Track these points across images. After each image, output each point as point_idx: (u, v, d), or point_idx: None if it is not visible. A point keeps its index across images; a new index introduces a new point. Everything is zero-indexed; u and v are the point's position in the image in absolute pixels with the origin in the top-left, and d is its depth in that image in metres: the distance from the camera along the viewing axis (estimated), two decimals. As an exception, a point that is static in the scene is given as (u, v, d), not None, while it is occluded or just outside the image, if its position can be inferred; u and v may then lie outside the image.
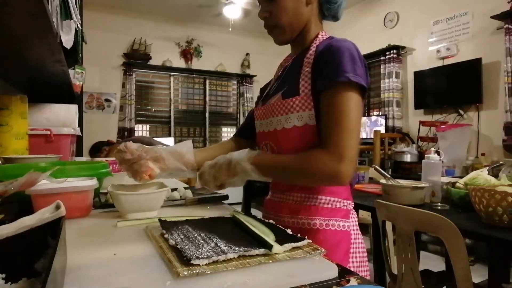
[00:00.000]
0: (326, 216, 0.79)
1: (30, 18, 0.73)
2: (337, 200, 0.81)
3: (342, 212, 0.81)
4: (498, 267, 1.24)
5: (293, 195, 0.83)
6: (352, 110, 0.69)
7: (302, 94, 0.77)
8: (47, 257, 0.43)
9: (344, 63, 0.70)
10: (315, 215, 0.79)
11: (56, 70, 1.31)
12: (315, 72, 0.76)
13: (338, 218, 0.80)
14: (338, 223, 0.79)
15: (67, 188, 0.79)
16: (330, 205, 0.80)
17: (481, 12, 3.38)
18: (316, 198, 0.80)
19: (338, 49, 0.73)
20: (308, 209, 0.80)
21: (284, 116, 0.79)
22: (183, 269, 0.46)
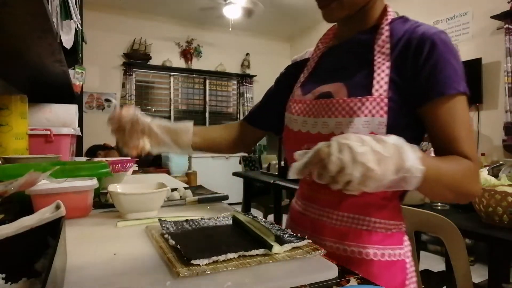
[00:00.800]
0: (380, 244, 0.65)
1: (30, 18, 0.73)
2: (392, 222, 0.67)
3: (397, 237, 0.67)
4: (498, 267, 1.24)
5: (339, 214, 0.67)
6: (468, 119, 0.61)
7: (375, 95, 0.61)
8: (47, 257, 0.43)
9: (451, 68, 0.59)
10: (368, 242, 0.65)
11: (56, 70, 1.31)
12: (402, 70, 0.62)
13: (393, 245, 0.66)
14: (393, 252, 0.66)
15: (67, 188, 0.79)
16: (384, 229, 0.66)
17: (481, 12, 3.38)
18: (368, 221, 0.66)
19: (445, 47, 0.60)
20: (358, 234, 0.66)
21: (347, 119, 0.62)
22: (183, 269, 0.46)
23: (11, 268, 0.42)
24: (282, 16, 5.24)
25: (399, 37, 0.64)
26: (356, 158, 0.43)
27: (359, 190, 0.46)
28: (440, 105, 0.60)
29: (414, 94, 0.61)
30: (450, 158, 0.58)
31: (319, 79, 0.73)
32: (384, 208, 0.66)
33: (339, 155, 0.44)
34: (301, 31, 5.86)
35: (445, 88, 0.59)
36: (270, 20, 5.35)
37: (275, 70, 4.04)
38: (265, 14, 4.99)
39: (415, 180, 0.48)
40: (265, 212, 3.27)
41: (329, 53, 0.77)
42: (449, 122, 0.59)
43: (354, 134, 0.47)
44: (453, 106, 0.59)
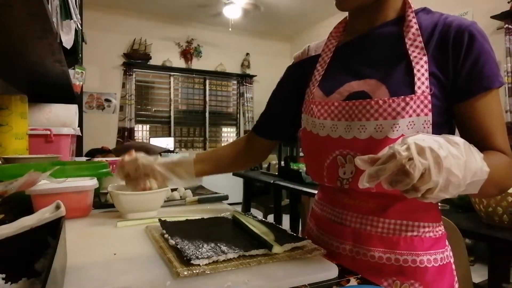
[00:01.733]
0: (431, 249, 0.62)
1: (30, 18, 0.73)
2: (438, 224, 0.64)
3: (442, 240, 0.64)
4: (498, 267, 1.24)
5: (385, 221, 0.62)
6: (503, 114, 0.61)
7: (419, 93, 0.57)
8: (47, 257, 0.43)
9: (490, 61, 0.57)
10: (420, 249, 0.61)
11: (56, 70, 1.31)
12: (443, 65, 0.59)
13: (441, 249, 0.63)
14: (443, 255, 0.63)
15: (67, 188, 0.79)
16: (433, 233, 0.63)
17: (481, 12, 3.38)
18: (418, 226, 0.62)
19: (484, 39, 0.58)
20: (409, 241, 0.61)
21: (390, 121, 0.57)
22: (183, 269, 0.46)
23: (11, 268, 0.42)
24: (282, 16, 5.24)
25: (429, 29, 0.61)
26: (441, 162, 0.39)
27: (439, 198, 0.41)
28: (482, 100, 0.57)
29: (456, 89, 0.58)
30: (492, 153, 0.56)
31: (341, 76, 0.67)
32: (430, 211, 0.63)
33: (422, 159, 0.39)
34: (301, 31, 5.86)
35: (490, 83, 0.57)
36: (270, 20, 5.35)
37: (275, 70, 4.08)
38: (265, 14, 4.99)
39: (482, 182, 0.44)
40: (265, 212, 3.27)
41: (346, 48, 0.70)
42: (487, 117, 0.57)
43: (427, 135, 0.42)
44: (492, 99, 0.58)
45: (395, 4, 0.65)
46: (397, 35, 0.63)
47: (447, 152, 0.40)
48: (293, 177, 2.43)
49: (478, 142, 0.56)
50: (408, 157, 0.39)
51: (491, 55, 0.57)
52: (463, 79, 0.58)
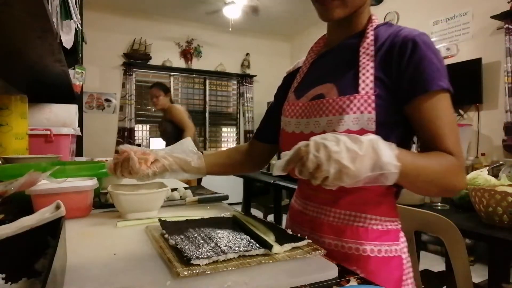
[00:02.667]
0: (376, 240, 0.67)
1: (30, 18, 0.73)
2: (388, 219, 0.69)
3: (393, 233, 0.69)
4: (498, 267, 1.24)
5: (336, 211, 0.70)
6: (453, 115, 0.64)
7: (362, 93, 0.64)
8: (47, 257, 0.43)
9: (433, 66, 0.62)
10: (365, 239, 0.67)
11: (56, 70, 1.31)
12: (388, 70, 0.65)
13: (389, 242, 0.68)
14: (390, 248, 0.67)
15: (67, 188, 0.79)
16: (381, 226, 0.68)
17: (481, 12, 3.38)
18: (365, 218, 0.68)
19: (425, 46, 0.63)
20: (355, 230, 0.68)
21: (337, 117, 0.65)
22: (183, 269, 0.46)
23: (11, 268, 0.42)
24: (282, 16, 5.24)
25: (383, 40, 0.68)
26: (331, 156, 0.47)
27: (336, 185, 0.49)
28: (424, 102, 0.62)
29: (401, 91, 0.64)
30: (432, 153, 0.61)
31: (311, 82, 0.76)
32: (380, 205, 0.69)
33: (316, 153, 0.47)
34: (301, 31, 5.86)
35: (428, 85, 0.62)
36: (270, 20, 5.35)
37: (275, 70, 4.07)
38: (265, 14, 4.99)
39: (392, 175, 0.50)
40: (265, 212, 3.27)
41: (320, 59, 0.80)
42: (433, 119, 0.62)
43: (332, 134, 0.50)
44: (437, 102, 0.62)
45: (362, 21, 0.73)
46: (356, 45, 0.71)
47: (341, 148, 0.47)
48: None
49: (428, 142, 0.63)
50: (306, 152, 0.48)
51: (433, 62, 0.62)
52: (405, 82, 0.63)
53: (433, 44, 0.65)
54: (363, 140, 0.49)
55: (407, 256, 0.70)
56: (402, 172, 0.50)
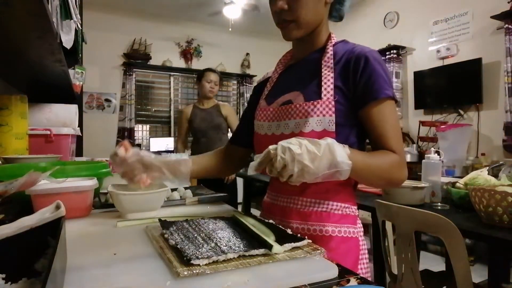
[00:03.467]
0: (337, 223, 0.78)
1: (30, 18, 0.73)
2: (347, 206, 0.80)
3: (351, 218, 0.80)
4: (498, 267, 1.24)
5: (303, 200, 0.81)
6: (397, 120, 0.76)
7: (324, 99, 0.75)
8: (47, 257, 0.43)
9: (380, 77, 0.74)
10: (327, 221, 0.77)
11: (56, 70, 1.31)
12: (345, 81, 0.76)
13: (348, 224, 0.79)
14: (348, 230, 0.78)
15: (67, 188, 0.79)
16: (341, 211, 0.79)
17: (481, 12, 3.38)
18: (327, 204, 0.79)
19: (374, 59, 0.75)
20: (319, 215, 0.78)
21: (303, 120, 0.76)
22: (183, 269, 0.46)
23: (11, 268, 0.42)
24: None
25: (340, 55, 0.79)
26: (295, 157, 0.57)
27: (299, 181, 0.59)
28: (373, 107, 0.74)
29: (356, 99, 0.75)
30: (379, 152, 0.73)
31: (281, 90, 0.86)
32: (339, 193, 0.80)
33: (282, 155, 0.57)
34: (301, 31, 5.84)
35: (377, 94, 0.73)
36: (270, 20, 5.32)
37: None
38: (265, 14, 4.99)
39: (346, 172, 0.61)
40: (265, 212, 3.27)
41: (287, 70, 0.91)
42: (379, 122, 0.74)
43: (295, 138, 0.60)
44: (383, 108, 0.74)
45: (322, 38, 0.85)
46: (318, 59, 0.82)
47: (303, 150, 0.57)
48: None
49: (375, 141, 0.75)
50: (275, 154, 0.57)
51: (381, 74, 0.74)
52: (359, 91, 0.75)
53: (381, 59, 0.77)
54: (321, 143, 0.60)
55: (363, 239, 0.82)
56: (353, 169, 0.62)
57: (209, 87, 2.77)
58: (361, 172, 0.67)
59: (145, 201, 0.83)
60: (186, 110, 2.89)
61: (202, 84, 2.79)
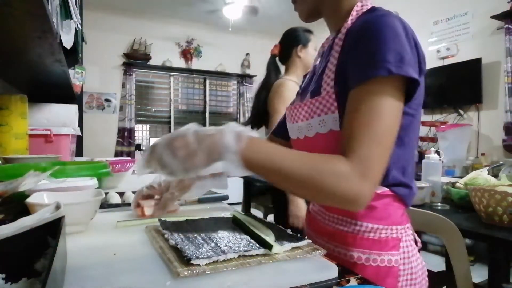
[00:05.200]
0: (366, 248, 0.61)
1: (30, 18, 0.73)
2: (384, 227, 0.62)
3: (390, 242, 0.62)
4: (498, 267, 1.24)
5: (329, 214, 0.67)
6: (386, 114, 0.51)
7: (323, 93, 0.61)
8: (47, 257, 0.43)
9: (382, 47, 0.51)
10: (353, 246, 0.62)
11: (56, 70, 1.31)
12: (342, 62, 0.59)
13: (383, 251, 0.61)
14: (382, 258, 0.61)
15: (67, 188, 0.79)
16: (373, 234, 0.62)
17: (481, 12, 3.37)
18: (355, 224, 0.63)
19: (374, 26, 0.53)
20: (344, 236, 0.63)
21: (306, 122, 0.64)
22: (183, 269, 0.46)
23: (11, 268, 0.42)
24: (282, 16, 5.24)
25: (351, 28, 0.60)
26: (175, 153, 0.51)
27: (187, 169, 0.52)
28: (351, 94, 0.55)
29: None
30: (303, 153, 0.53)
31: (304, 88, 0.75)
32: (372, 211, 0.62)
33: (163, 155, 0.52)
34: (301, 31, 5.85)
35: (358, 76, 0.53)
36: (270, 20, 5.35)
37: (275, 70, 3.84)
38: (265, 14, 4.99)
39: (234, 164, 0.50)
40: (265, 212, 3.27)
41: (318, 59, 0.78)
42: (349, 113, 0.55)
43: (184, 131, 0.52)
44: (362, 94, 0.53)
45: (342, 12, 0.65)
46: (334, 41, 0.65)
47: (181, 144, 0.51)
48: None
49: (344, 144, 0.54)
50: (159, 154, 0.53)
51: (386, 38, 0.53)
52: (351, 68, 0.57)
53: (395, 27, 0.53)
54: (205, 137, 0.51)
55: (408, 267, 0.63)
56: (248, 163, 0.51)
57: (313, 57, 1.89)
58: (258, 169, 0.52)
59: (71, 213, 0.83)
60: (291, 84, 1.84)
61: (307, 51, 1.91)
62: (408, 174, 0.63)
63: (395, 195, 0.62)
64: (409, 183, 0.63)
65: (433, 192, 1.48)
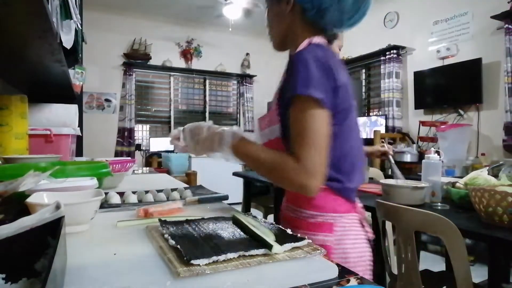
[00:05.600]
0: (306, 230, 0.79)
1: (30, 18, 0.73)
2: (320, 214, 0.79)
3: (324, 226, 0.79)
4: (498, 267, 1.24)
5: (287, 205, 0.89)
6: (314, 125, 0.69)
7: (273, 108, 0.82)
8: (47, 257, 0.43)
9: (297, 75, 0.70)
10: (298, 228, 0.79)
11: (56, 70, 1.31)
12: (283, 85, 0.80)
13: (318, 232, 0.78)
14: (317, 237, 0.77)
15: (67, 188, 0.79)
16: (312, 219, 0.80)
17: (481, 12, 3.38)
18: (300, 212, 0.82)
19: (295, 60, 0.73)
20: (294, 220, 0.84)
21: (266, 130, 0.86)
22: (183, 269, 0.46)
23: (11, 268, 0.42)
24: (282, 16, 5.24)
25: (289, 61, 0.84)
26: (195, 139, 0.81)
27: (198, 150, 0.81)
28: (290, 107, 0.73)
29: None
30: (271, 151, 0.75)
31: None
32: (311, 201, 0.79)
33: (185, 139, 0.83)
34: (301, 31, 5.84)
35: (292, 91, 0.71)
36: (270, 20, 5.34)
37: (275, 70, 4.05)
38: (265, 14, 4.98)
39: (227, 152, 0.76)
40: (265, 212, 3.27)
41: None
42: (292, 122, 0.73)
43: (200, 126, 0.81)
44: (295, 107, 0.72)
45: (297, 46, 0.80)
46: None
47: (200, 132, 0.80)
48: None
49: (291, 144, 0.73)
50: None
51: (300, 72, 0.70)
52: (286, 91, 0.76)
53: (306, 59, 0.71)
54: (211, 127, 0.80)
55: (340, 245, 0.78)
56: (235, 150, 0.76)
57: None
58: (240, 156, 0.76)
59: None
60: None
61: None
62: (343, 172, 0.79)
63: (329, 188, 0.78)
64: (342, 179, 0.78)
65: (433, 192, 1.48)
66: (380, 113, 4.39)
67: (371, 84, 4.77)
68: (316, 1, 0.76)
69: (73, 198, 0.73)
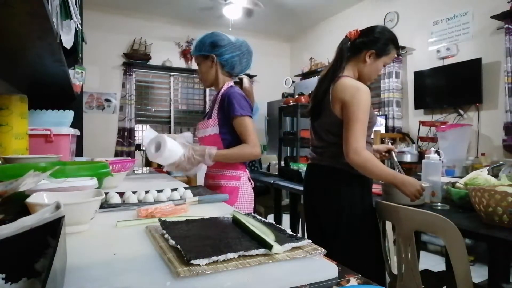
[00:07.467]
0: (226, 180, 1.47)
1: (30, 18, 0.73)
2: (233, 171, 1.48)
3: (236, 177, 1.48)
4: (498, 267, 1.24)
5: (212, 169, 1.51)
6: (248, 125, 1.39)
7: (213, 118, 1.46)
8: (47, 257, 0.43)
9: (235, 103, 1.39)
10: (221, 179, 1.48)
11: (56, 70, 1.31)
12: (222, 109, 1.44)
13: (233, 181, 1.47)
14: (232, 183, 1.47)
15: (67, 188, 0.79)
16: (229, 173, 1.47)
17: (481, 12, 3.38)
18: (222, 171, 1.48)
19: (230, 96, 1.41)
20: (218, 176, 1.49)
21: (205, 130, 1.49)
22: (183, 269, 0.46)
23: (11, 268, 0.42)
24: (282, 16, 5.24)
25: (223, 96, 1.45)
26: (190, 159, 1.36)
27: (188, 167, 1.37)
28: (234, 120, 1.40)
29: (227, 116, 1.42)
30: (239, 146, 1.40)
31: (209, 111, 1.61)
32: (232, 166, 1.48)
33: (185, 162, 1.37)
34: (301, 31, 5.85)
35: (232, 113, 1.39)
36: (270, 20, 5.35)
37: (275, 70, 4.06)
38: (265, 14, 4.99)
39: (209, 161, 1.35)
40: (265, 212, 3.27)
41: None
42: (238, 128, 1.40)
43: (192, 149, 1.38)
44: (240, 121, 1.39)
45: (220, 85, 1.53)
46: (217, 97, 1.51)
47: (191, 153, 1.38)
48: (293, 177, 2.43)
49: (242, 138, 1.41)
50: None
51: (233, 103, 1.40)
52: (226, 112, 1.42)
53: (235, 94, 1.42)
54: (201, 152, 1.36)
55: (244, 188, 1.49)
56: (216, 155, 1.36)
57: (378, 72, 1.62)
58: (222, 157, 1.38)
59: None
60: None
61: (376, 63, 1.57)
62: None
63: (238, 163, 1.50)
64: None
65: (433, 192, 1.48)
66: (380, 113, 4.39)
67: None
68: (229, 61, 1.52)
69: (73, 198, 0.73)
